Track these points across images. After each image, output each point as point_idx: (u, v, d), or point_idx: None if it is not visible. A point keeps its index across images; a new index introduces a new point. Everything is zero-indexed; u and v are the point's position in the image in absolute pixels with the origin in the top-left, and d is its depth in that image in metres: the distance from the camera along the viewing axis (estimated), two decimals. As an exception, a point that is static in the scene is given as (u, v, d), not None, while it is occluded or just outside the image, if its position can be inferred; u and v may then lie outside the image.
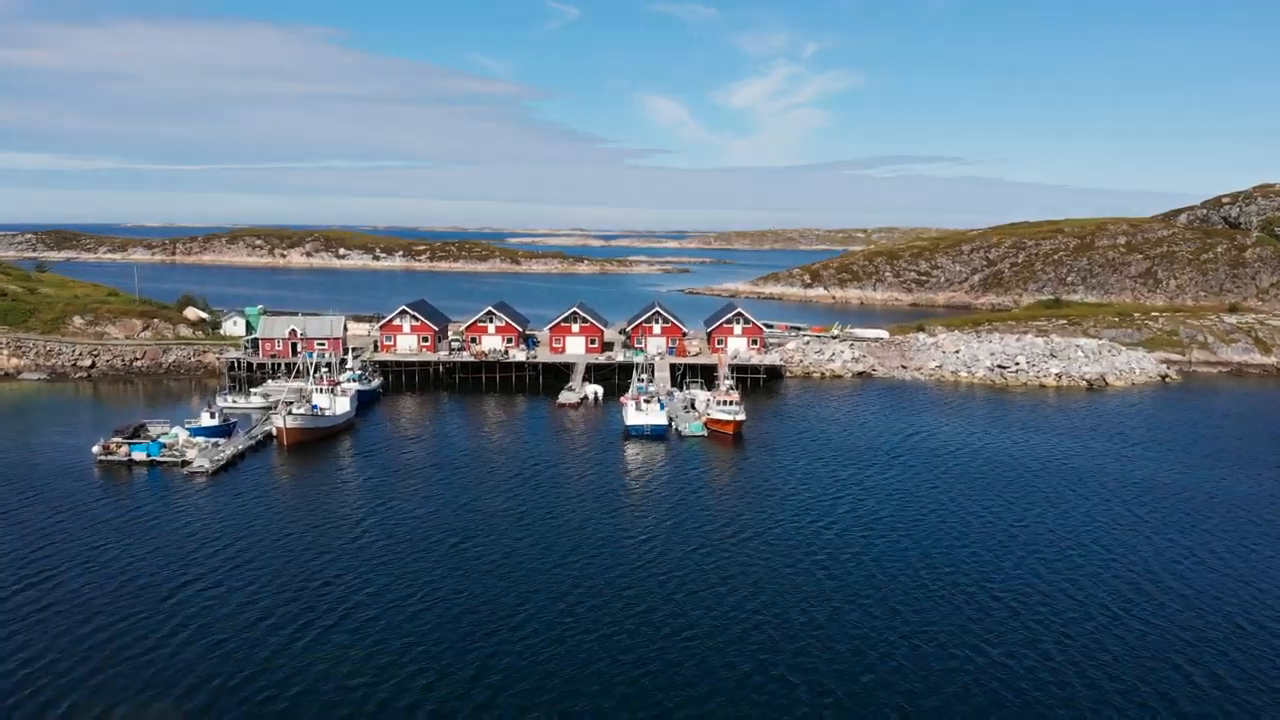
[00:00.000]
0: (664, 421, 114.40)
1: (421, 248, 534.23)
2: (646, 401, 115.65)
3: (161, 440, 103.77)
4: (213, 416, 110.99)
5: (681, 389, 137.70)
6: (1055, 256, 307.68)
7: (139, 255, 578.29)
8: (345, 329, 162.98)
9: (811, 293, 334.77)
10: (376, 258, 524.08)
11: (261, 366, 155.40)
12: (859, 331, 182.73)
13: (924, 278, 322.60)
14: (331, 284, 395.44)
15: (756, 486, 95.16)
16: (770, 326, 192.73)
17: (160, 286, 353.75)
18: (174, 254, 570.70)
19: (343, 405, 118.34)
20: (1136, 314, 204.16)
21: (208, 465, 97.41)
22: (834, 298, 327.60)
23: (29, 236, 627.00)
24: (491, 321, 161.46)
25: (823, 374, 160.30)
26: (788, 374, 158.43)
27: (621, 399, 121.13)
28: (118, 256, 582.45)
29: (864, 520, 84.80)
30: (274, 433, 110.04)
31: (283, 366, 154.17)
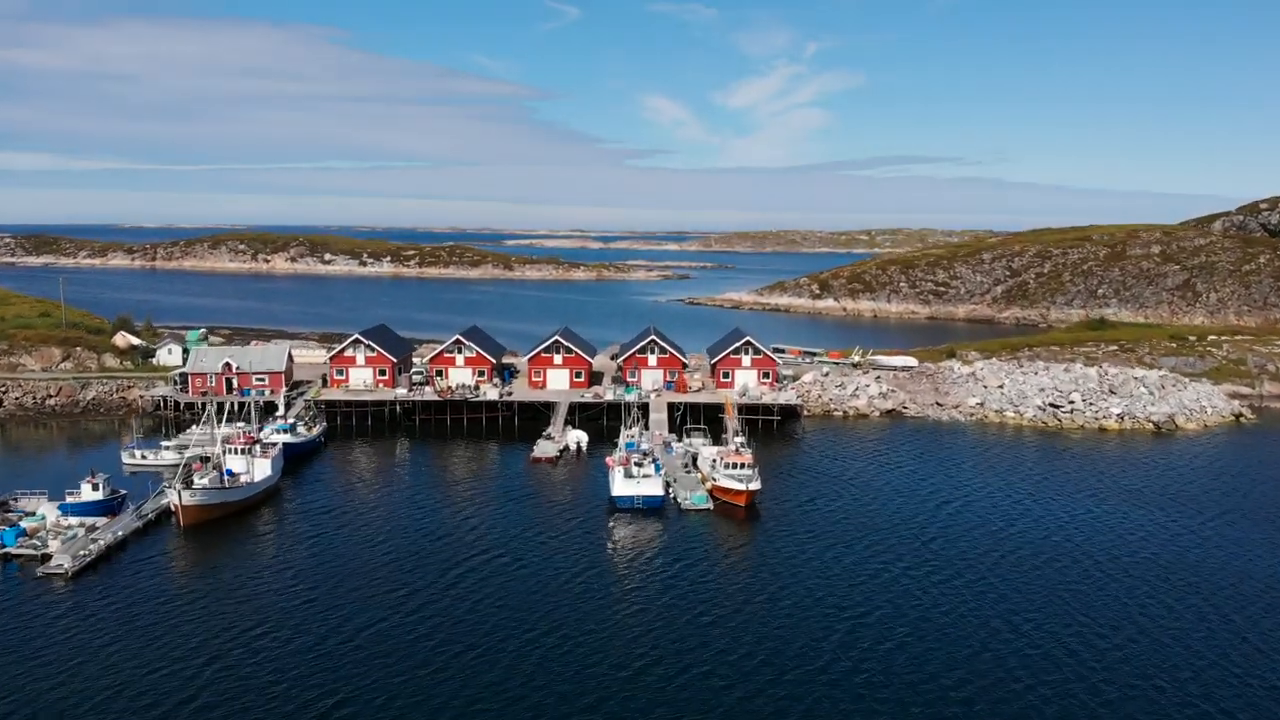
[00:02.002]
0: (659, 492, 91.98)
1: (410, 253, 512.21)
2: (638, 464, 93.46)
3: (23, 524, 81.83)
4: (95, 488, 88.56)
5: (682, 437, 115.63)
6: (1085, 266, 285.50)
7: (118, 260, 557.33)
8: (290, 359, 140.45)
9: (821, 304, 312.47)
10: (363, 263, 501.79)
11: (190, 407, 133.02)
12: (883, 359, 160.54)
13: (942, 289, 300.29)
14: (312, 293, 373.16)
15: (769, 592, 72.93)
16: (781, 351, 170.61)
17: (125, 298, 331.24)
18: (154, 259, 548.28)
19: (262, 469, 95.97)
20: (1192, 336, 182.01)
21: (68, 564, 75.13)
22: (845, 310, 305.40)
23: (8, 241, 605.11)
24: (460, 352, 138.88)
25: (845, 413, 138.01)
26: (805, 413, 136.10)
27: (607, 460, 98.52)
28: (97, 262, 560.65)
29: (909, 650, 62.63)
30: (171, 509, 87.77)
31: (214, 407, 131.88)
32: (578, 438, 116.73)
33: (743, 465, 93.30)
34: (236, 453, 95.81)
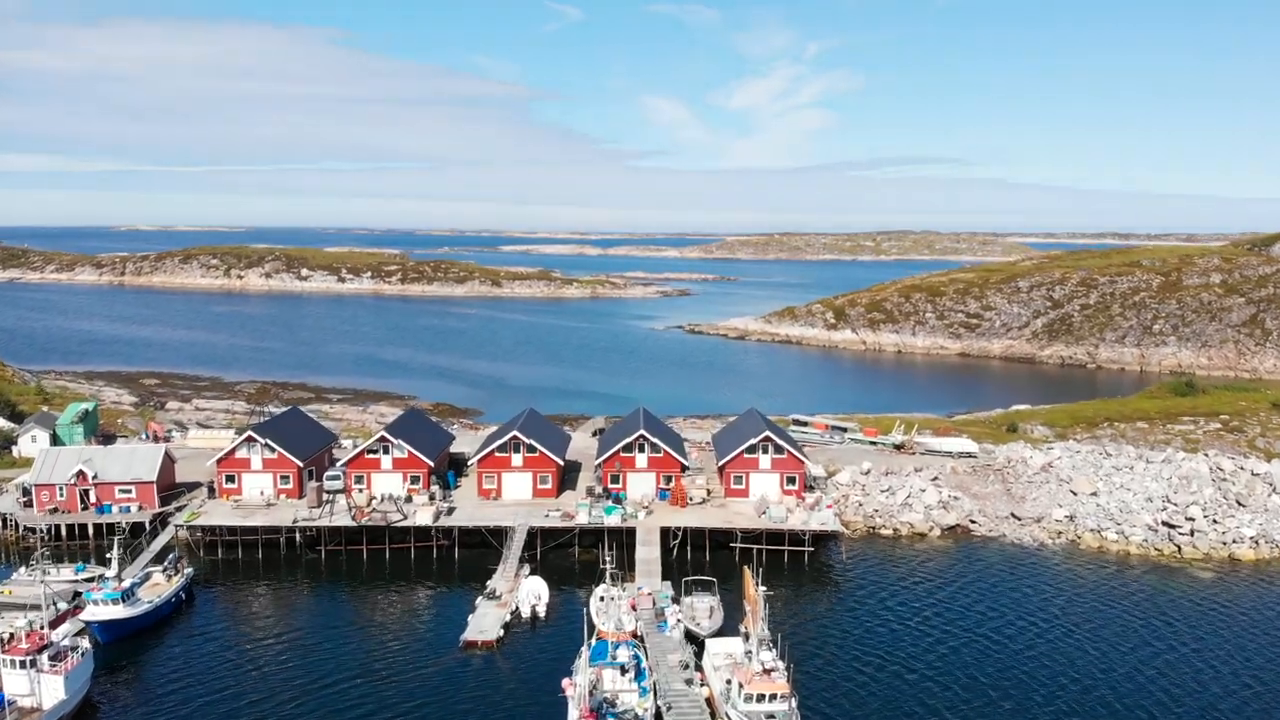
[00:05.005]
0: (642, 748, 59.62)
1: (392, 268, 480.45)
2: (609, 703, 61.25)
3: None
4: None
5: (681, 597, 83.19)
6: (1136, 298, 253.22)
7: (85, 276, 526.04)
8: (168, 460, 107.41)
9: (836, 336, 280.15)
10: (342, 279, 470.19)
11: (34, 531, 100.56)
12: (933, 442, 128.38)
13: (974, 321, 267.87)
14: (276, 319, 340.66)
15: None
16: (803, 425, 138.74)
17: (65, 326, 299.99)
18: (123, 274, 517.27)
19: (53, 692, 63.67)
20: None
21: None
22: (864, 344, 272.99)
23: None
24: (387, 452, 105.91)
25: (895, 531, 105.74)
26: (845, 533, 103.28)
27: (565, 686, 65.42)
28: (63, 277, 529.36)
29: None
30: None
31: (64, 532, 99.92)
32: (534, 594, 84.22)
33: (774, 697, 61.01)
34: (13, 665, 63.74)
